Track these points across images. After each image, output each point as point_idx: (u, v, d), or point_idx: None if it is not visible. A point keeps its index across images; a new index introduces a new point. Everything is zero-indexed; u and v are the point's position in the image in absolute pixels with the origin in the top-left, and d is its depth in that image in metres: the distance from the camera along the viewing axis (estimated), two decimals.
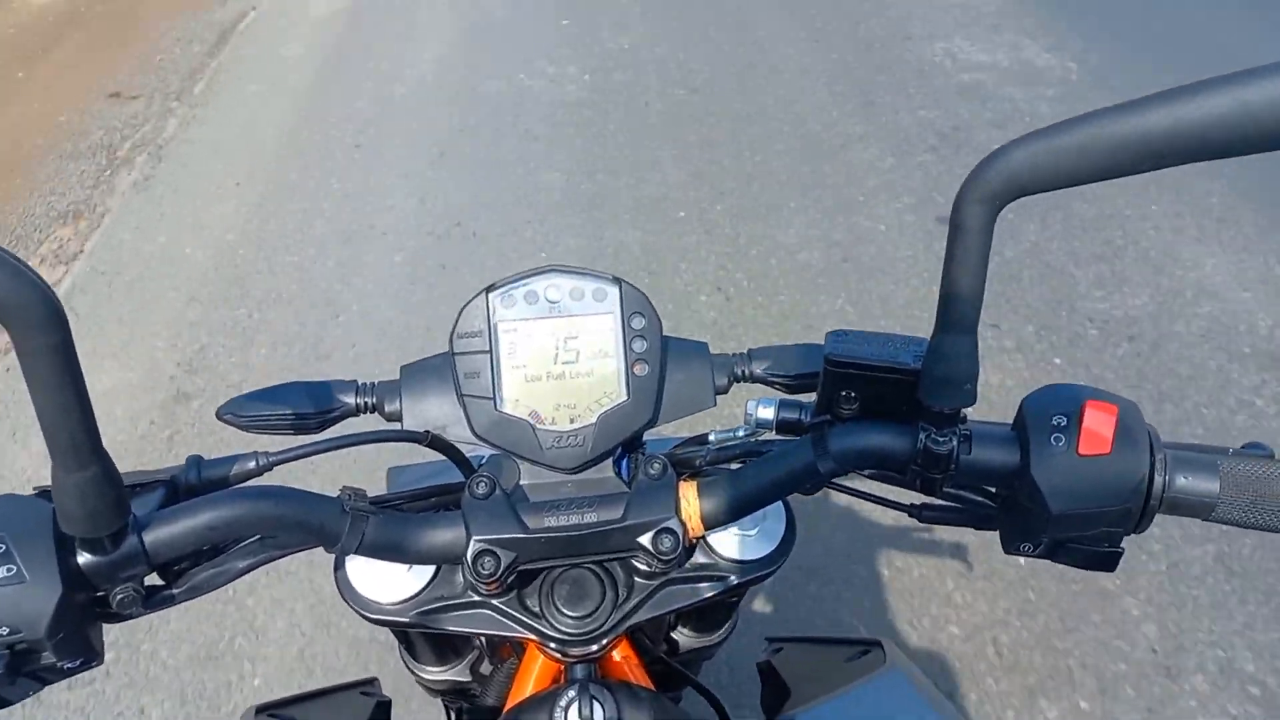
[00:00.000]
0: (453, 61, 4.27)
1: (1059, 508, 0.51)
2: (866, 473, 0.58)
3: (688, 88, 3.88)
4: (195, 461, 0.58)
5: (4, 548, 0.47)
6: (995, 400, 2.21)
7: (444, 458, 0.61)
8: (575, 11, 4.76)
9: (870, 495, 0.63)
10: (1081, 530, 0.53)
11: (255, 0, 5.15)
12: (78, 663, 0.50)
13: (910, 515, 0.60)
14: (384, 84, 4.08)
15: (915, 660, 0.77)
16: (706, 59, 4.14)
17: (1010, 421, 0.56)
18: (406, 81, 4.08)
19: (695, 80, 3.94)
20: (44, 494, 0.51)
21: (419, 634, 0.78)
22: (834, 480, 0.58)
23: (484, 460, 0.64)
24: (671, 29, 4.49)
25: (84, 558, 0.49)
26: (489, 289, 0.59)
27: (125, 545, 0.49)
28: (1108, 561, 0.55)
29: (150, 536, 0.50)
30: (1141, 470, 0.51)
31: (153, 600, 0.53)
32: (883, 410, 0.55)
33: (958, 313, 0.48)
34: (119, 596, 0.51)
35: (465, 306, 0.59)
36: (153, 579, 0.53)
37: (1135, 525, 0.52)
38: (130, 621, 0.54)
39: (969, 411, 0.53)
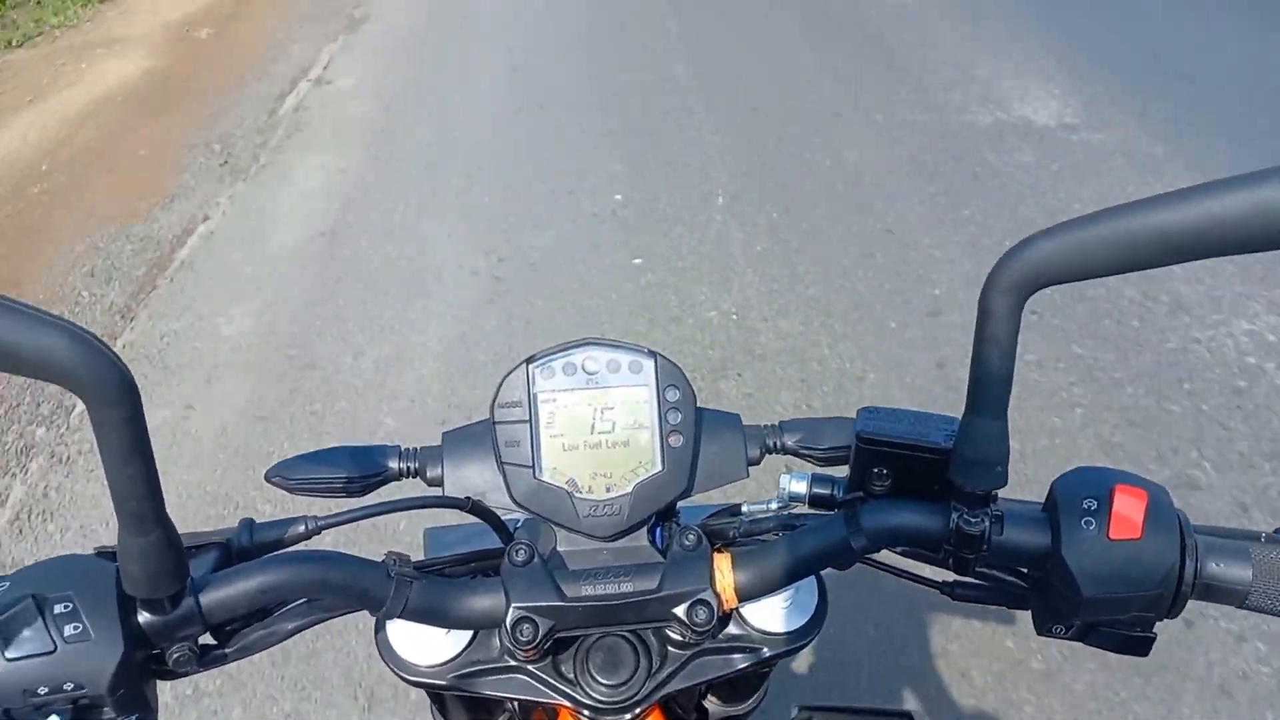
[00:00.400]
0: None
1: (1090, 591, 0.52)
2: (899, 550, 0.59)
3: None
4: (248, 524, 0.60)
5: (71, 606, 0.49)
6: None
7: (480, 520, 0.62)
8: None
9: (903, 572, 0.64)
10: (1113, 614, 0.53)
11: (208, 206, 3.63)
12: (133, 718, 0.52)
13: (943, 593, 0.61)
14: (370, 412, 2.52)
15: None
16: None
17: (1040, 502, 0.57)
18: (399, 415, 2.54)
19: None
20: (104, 554, 0.54)
21: (453, 696, 0.79)
22: (867, 556, 0.59)
23: (520, 524, 0.66)
24: None
25: (144, 617, 0.51)
26: (529, 360, 0.62)
27: (183, 607, 0.52)
28: (1140, 646, 0.55)
29: (206, 598, 0.52)
30: (1172, 556, 0.51)
31: (206, 659, 0.55)
32: (915, 487, 0.56)
33: (988, 396, 0.50)
34: (175, 655, 0.53)
35: (506, 377, 0.61)
36: (206, 638, 0.55)
37: (1168, 611, 0.53)
38: None
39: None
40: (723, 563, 0.59)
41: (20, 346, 0.40)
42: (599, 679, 0.61)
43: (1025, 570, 0.58)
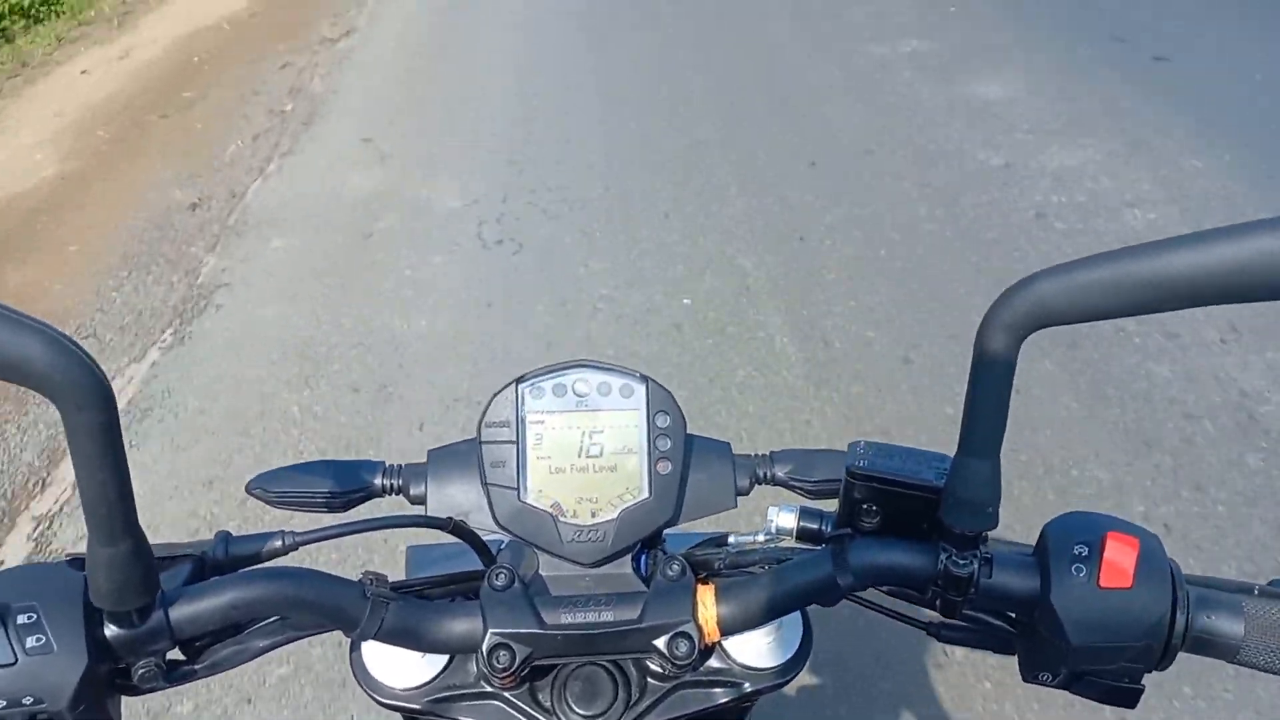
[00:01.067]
0: None
1: (1079, 640, 0.51)
2: (885, 589, 0.58)
3: None
4: (224, 538, 0.59)
5: (35, 617, 0.48)
6: None
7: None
8: None
9: (889, 611, 0.63)
10: (1101, 664, 0.52)
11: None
12: None
13: (929, 634, 0.60)
14: None
15: None
16: None
17: (1030, 545, 0.56)
18: None
19: None
20: (74, 562, 0.52)
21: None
22: (852, 594, 0.57)
23: (503, 546, 0.65)
24: None
25: (110, 630, 0.50)
26: (518, 381, 0.61)
27: (151, 620, 0.50)
28: (1128, 698, 0.54)
29: (176, 613, 0.51)
30: (1163, 607, 0.50)
31: (173, 675, 0.54)
32: (904, 525, 0.55)
33: (980, 437, 0.49)
34: (141, 670, 0.52)
35: (495, 397, 0.61)
36: (174, 654, 0.54)
37: (1157, 663, 0.52)
38: None
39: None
40: (706, 595, 0.58)
41: None
42: (576, 709, 0.60)
43: (1013, 615, 0.57)
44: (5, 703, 0.47)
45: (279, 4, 6.03)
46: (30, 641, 0.47)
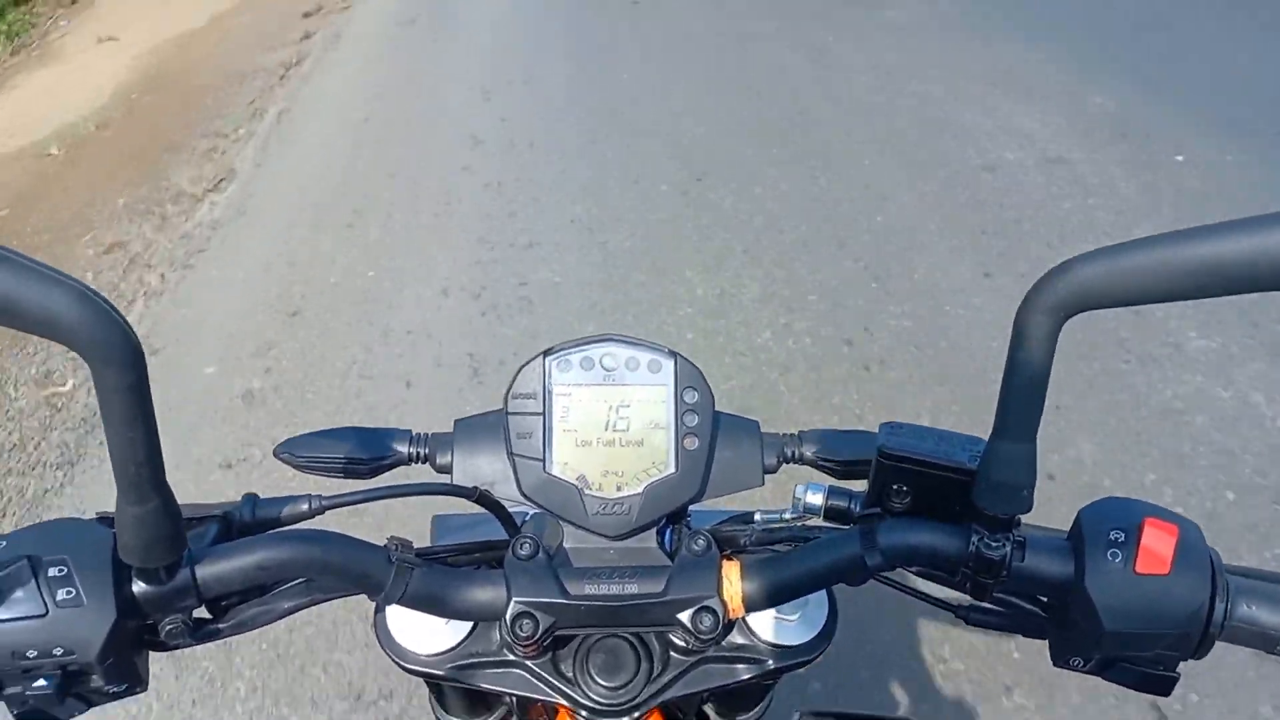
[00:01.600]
0: None
1: (1112, 625, 0.50)
2: (914, 570, 0.57)
3: None
4: (251, 500, 0.60)
5: (66, 570, 0.48)
6: None
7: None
8: None
9: (917, 593, 0.62)
10: (1136, 650, 0.51)
11: None
12: (123, 688, 0.52)
13: (958, 616, 0.59)
14: None
15: None
16: None
17: (1065, 529, 0.55)
18: None
19: None
20: (104, 520, 0.53)
21: (451, 686, 0.79)
22: (880, 575, 0.57)
23: (528, 518, 0.64)
24: None
25: (139, 587, 0.50)
26: (546, 353, 0.60)
27: (178, 578, 0.51)
28: (1162, 685, 0.53)
29: (203, 571, 0.51)
30: (1201, 596, 0.49)
31: (199, 633, 0.54)
32: (935, 507, 0.54)
33: (1016, 418, 0.48)
34: (168, 627, 0.52)
35: (522, 368, 0.60)
36: (200, 612, 0.54)
37: (1194, 651, 0.50)
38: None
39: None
40: (731, 571, 0.57)
41: (27, 303, 0.40)
42: (598, 680, 0.60)
43: (1045, 599, 0.56)
44: (37, 653, 0.48)
45: (143, 111, 4.30)
46: (61, 594, 0.48)
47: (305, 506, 0.60)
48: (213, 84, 4.75)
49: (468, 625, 0.62)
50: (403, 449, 0.64)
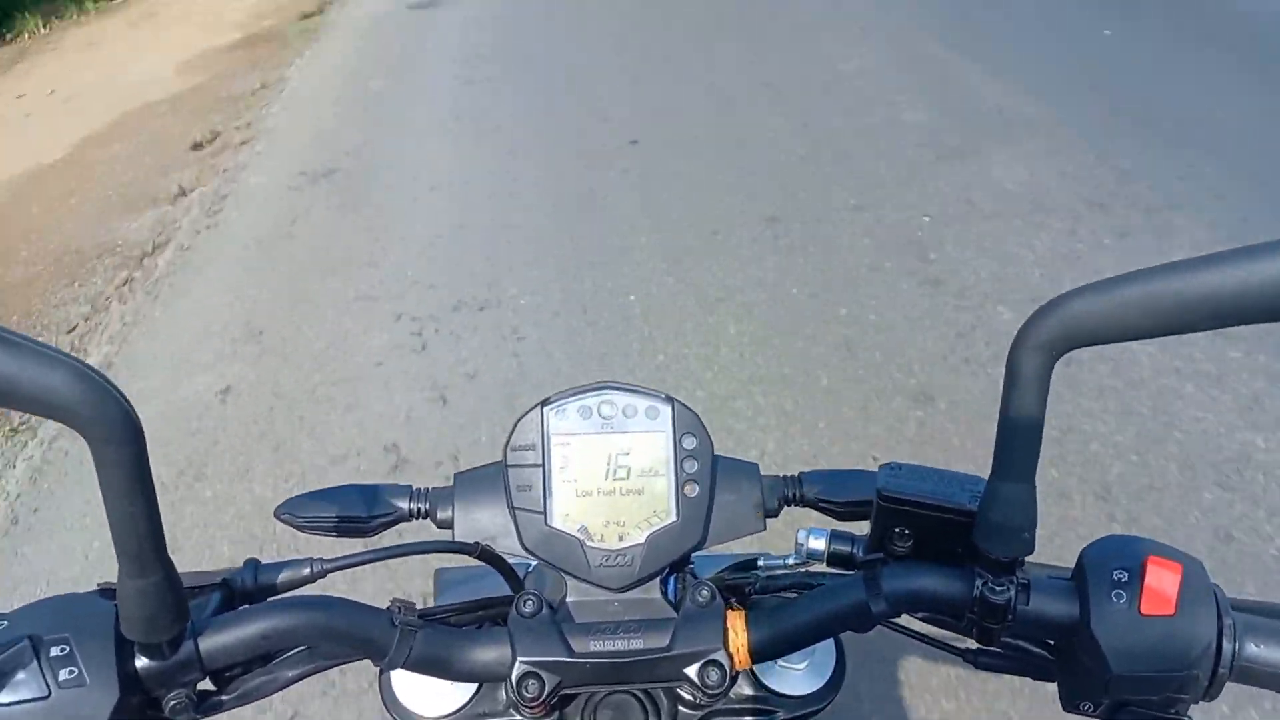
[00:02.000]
0: None
1: (1120, 669, 0.49)
2: (920, 615, 0.57)
3: None
4: (252, 565, 0.59)
5: (68, 649, 0.48)
6: None
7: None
8: None
9: (925, 638, 0.62)
10: (1145, 694, 0.50)
11: None
12: None
13: (966, 660, 0.59)
14: None
15: None
16: None
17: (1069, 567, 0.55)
18: None
19: None
20: (106, 592, 0.53)
21: None
22: (886, 620, 0.56)
23: (530, 569, 0.64)
24: None
25: (141, 662, 0.50)
26: (544, 403, 0.60)
27: (182, 651, 0.50)
28: None
29: (206, 643, 0.51)
30: (1208, 635, 0.49)
31: (204, 706, 0.54)
32: (937, 548, 0.54)
33: (1014, 459, 0.48)
34: (171, 702, 0.52)
35: (520, 420, 0.60)
36: (204, 684, 0.54)
37: (1204, 693, 0.50)
38: None
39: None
40: (737, 621, 0.57)
41: (22, 382, 0.40)
42: None
43: (1051, 642, 0.56)
44: None
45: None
46: (63, 675, 0.48)
47: (307, 570, 0.59)
48: (34, 278, 2.93)
49: (473, 686, 0.62)
50: (403, 505, 0.63)
